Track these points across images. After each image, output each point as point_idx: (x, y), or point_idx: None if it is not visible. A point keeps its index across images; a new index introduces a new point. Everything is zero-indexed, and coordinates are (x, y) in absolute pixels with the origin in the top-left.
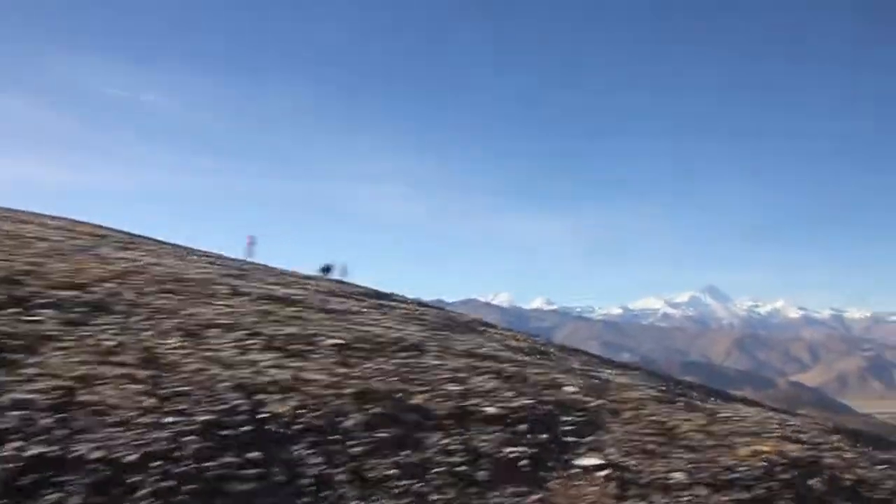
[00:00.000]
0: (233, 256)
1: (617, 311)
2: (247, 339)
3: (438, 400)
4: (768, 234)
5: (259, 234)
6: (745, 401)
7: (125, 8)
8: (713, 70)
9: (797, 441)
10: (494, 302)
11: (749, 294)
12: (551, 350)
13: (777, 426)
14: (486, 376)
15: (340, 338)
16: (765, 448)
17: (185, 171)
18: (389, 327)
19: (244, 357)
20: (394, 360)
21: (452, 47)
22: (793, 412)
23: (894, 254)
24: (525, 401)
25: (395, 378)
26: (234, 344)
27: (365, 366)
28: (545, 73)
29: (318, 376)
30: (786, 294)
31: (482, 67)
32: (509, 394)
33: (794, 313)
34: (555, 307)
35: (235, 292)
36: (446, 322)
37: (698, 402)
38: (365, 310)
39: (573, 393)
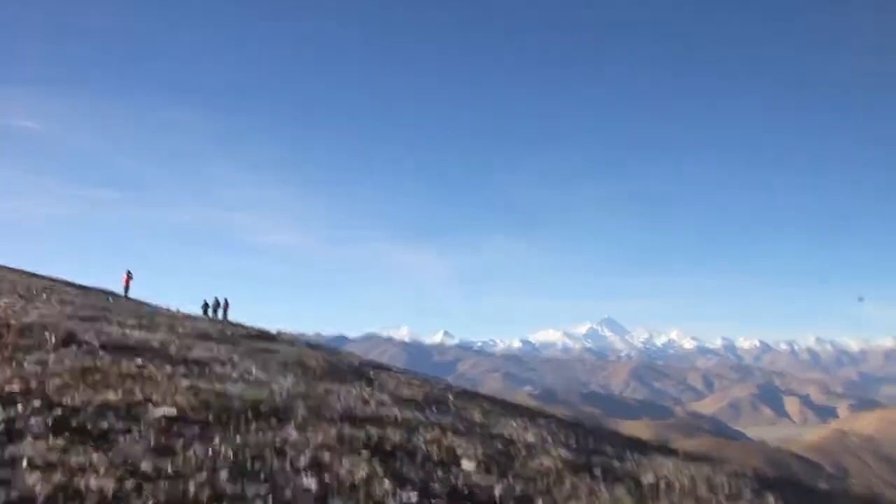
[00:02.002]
0: (112, 291)
1: (517, 343)
2: (28, 417)
3: None
4: (660, 265)
5: (143, 268)
6: (660, 449)
7: None
8: (598, 99)
9: None
10: (396, 336)
11: (645, 324)
12: (450, 397)
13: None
14: (359, 457)
15: (177, 404)
16: None
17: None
18: (257, 382)
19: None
20: (237, 438)
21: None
22: (710, 460)
23: (779, 283)
24: (405, 496)
25: (226, 473)
26: (0, 427)
27: (189, 451)
28: (435, 100)
29: (105, 483)
30: (680, 324)
31: (367, 97)
32: (386, 485)
33: (688, 343)
34: (455, 341)
35: (69, 341)
36: (332, 368)
37: (617, 465)
38: (236, 358)
39: (473, 472)
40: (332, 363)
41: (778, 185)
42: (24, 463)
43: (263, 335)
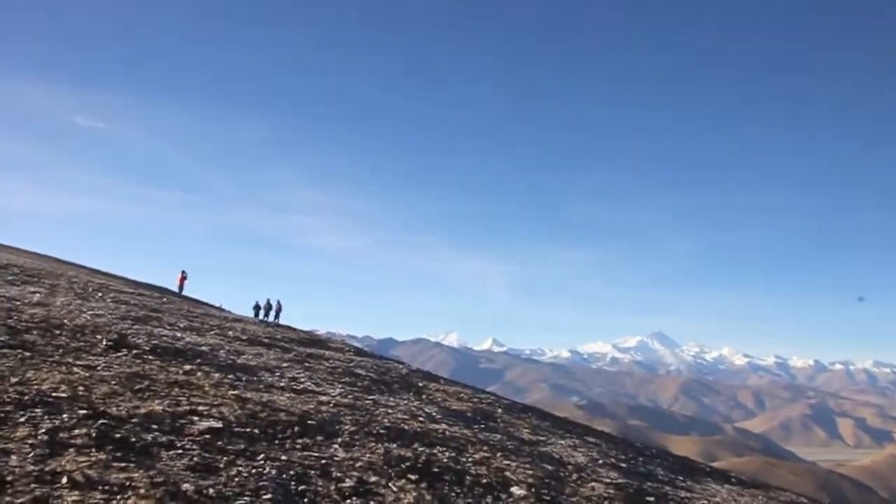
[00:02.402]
0: (168, 288)
1: (566, 354)
2: (72, 428)
3: None
4: (713, 282)
5: (197, 268)
6: (712, 474)
7: (57, 32)
8: (665, 112)
9: None
10: (445, 342)
11: (695, 340)
12: (498, 411)
13: None
14: (405, 481)
15: (222, 416)
16: None
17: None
18: (303, 392)
19: (41, 466)
20: (281, 455)
21: (397, 77)
22: (764, 487)
23: (837, 303)
24: None
25: (269, 496)
26: (44, 437)
27: (233, 470)
28: (498, 110)
29: None
30: (731, 341)
31: (432, 106)
32: None
33: (739, 360)
34: (504, 349)
35: (120, 344)
36: (381, 377)
37: (669, 491)
38: (285, 364)
39: (521, 498)
40: (380, 372)
41: (836, 202)
42: (65, 479)
43: (313, 340)
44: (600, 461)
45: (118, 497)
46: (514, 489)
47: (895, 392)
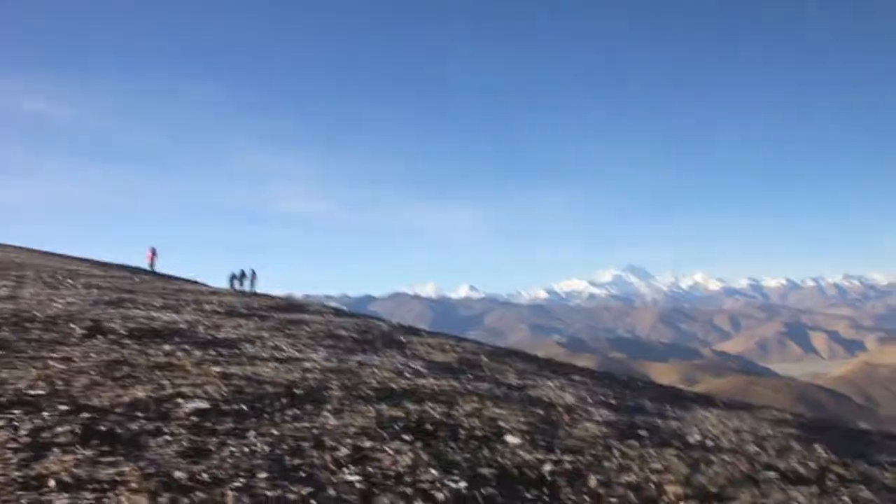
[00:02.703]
0: (138, 267)
1: (543, 294)
2: (54, 426)
3: None
4: (683, 210)
5: (165, 243)
6: (698, 400)
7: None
8: (623, 55)
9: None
10: (422, 293)
11: (669, 270)
12: (483, 359)
13: (758, 451)
14: (400, 442)
15: (208, 395)
16: None
17: (79, 180)
18: (287, 360)
19: (25, 471)
20: (272, 429)
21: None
22: (750, 408)
23: (805, 222)
24: (454, 484)
25: (265, 473)
26: (26, 439)
27: (225, 451)
28: (460, 55)
29: (137, 501)
30: (705, 267)
31: (387, 56)
32: (433, 473)
33: (713, 285)
34: (481, 294)
35: (96, 331)
36: (363, 336)
37: (660, 423)
38: (266, 334)
39: (518, 447)
40: (361, 331)
41: (799, 123)
42: (52, 482)
43: (291, 305)
44: (589, 400)
45: (109, 494)
46: (509, 438)
47: (865, 303)
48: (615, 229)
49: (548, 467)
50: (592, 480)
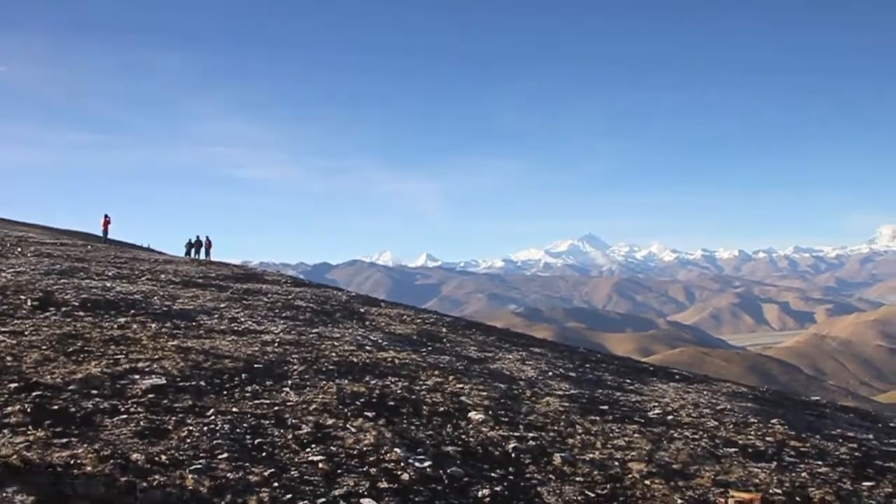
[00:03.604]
0: (92, 234)
1: (499, 263)
2: (4, 406)
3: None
4: (639, 181)
5: (120, 210)
6: (656, 373)
7: None
8: (578, 33)
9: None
10: (380, 262)
11: (625, 240)
12: (443, 331)
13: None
14: (363, 419)
15: (165, 371)
16: (745, 497)
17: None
18: (245, 333)
19: None
20: (232, 407)
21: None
22: (707, 381)
23: (758, 194)
24: (419, 463)
25: (225, 454)
26: None
27: (183, 432)
28: (421, 24)
29: (92, 487)
30: (659, 237)
31: (350, 23)
32: (397, 452)
33: (668, 256)
34: (438, 263)
35: (47, 303)
36: (322, 307)
37: (620, 397)
38: (223, 305)
39: (482, 423)
40: (320, 301)
41: (753, 93)
42: (2, 467)
43: (248, 274)
44: (550, 373)
45: (64, 479)
46: (472, 414)
47: (815, 275)
48: (573, 200)
49: (512, 444)
50: (557, 458)
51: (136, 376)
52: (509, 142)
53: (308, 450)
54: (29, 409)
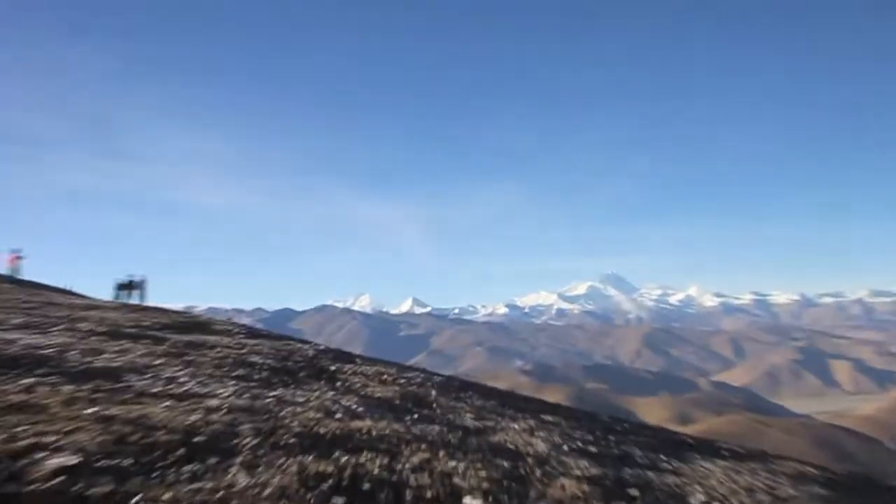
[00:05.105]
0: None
1: (502, 310)
2: None
3: None
4: (673, 211)
5: (34, 243)
6: (699, 448)
7: None
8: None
9: None
10: (356, 307)
11: (656, 281)
12: (432, 394)
13: None
14: None
15: (79, 448)
16: None
17: None
18: (186, 397)
19: None
20: (164, 492)
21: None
22: (763, 458)
23: (820, 226)
24: None
25: None
26: None
27: None
28: (408, 29)
29: None
30: (699, 278)
31: (327, 24)
32: None
33: (710, 301)
34: (427, 309)
35: None
36: (282, 364)
37: (654, 478)
38: (159, 361)
39: None
40: (281, 357)
41: (820, 112)
42: None
43: (192, 323)
44: (565, 447)
45: None
46: (468, 500)
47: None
48: (590, 233)
49: None
50: None
51: (42, 454)
52: (510, 165)
53: None
54: None
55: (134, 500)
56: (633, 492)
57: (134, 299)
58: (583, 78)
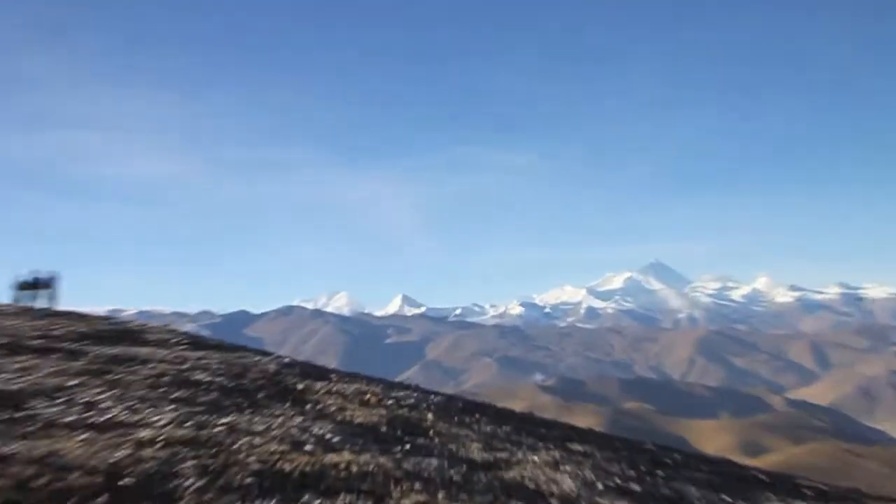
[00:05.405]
0: None
1: (517, 309)
2: None
3: None
4: (729, 182)
5: None
6: (774, 486)
7: None
8: None
9: None
10: (330, 308)
11: (714, 271)
12: (428, 418)
13: None
14: None
15: None
16: None
17: None
18: (109, 427)
19: None
20: None
21: None
22: (856, 498)
23: None
24: None
25: None
26: None
27: None
28: None
29: None
30: (769, 266)
31: None
32: None
33: (784, 295)
34: (420, 310)
35: None
36: (236, 383)
37: None
38: (74, 381)
39: None
40: (234, 374)
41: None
42: None
43: (118, 332)
44: (599, 485)
45: None
46: None
47: None
48: (628, 213)
49: None
50: None
51: None
52: (526, 127)
53: None
54: None
55: None
56: None
57: (41, 302)
58: (620, 16)
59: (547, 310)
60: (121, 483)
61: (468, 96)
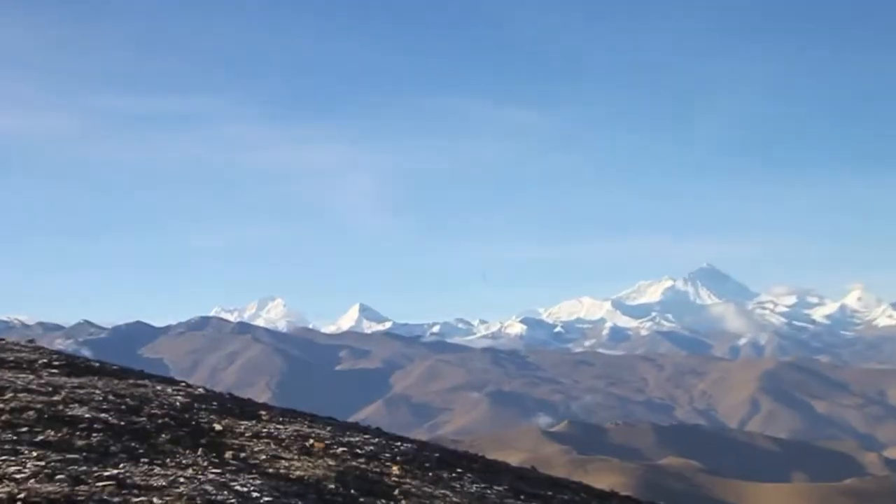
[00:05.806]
0: None
1: (516, 327)
2: None
3: None
4: (804, 166)
5: None
6: None
7: None
8: None
9: None
10: (260, 321)
11: (786, 282)
12: (393, 473)
13: None
14: None
15: None
16: None
17: None
18: None
19: None
20: None
21: None
22: None
23: None
24: None
25: None
26: None
27: None
28: None
29: None
30: (861, 275)
31: None
32: None
33: (883, 315)
34: (384, 326)
35: None
36: (127, 420)
37: None
38: None
39: None
40: (128, 407)
41: None
42: None
43: None
44: None
45: None
46: None
47: None
48: (667, 200)
49: None
50: None
51: None
52: (533, 82)
53: None
54: None
55: None
56: None
57: None
58: None
59: (557, 329)
60: None
61: (456, 22)
